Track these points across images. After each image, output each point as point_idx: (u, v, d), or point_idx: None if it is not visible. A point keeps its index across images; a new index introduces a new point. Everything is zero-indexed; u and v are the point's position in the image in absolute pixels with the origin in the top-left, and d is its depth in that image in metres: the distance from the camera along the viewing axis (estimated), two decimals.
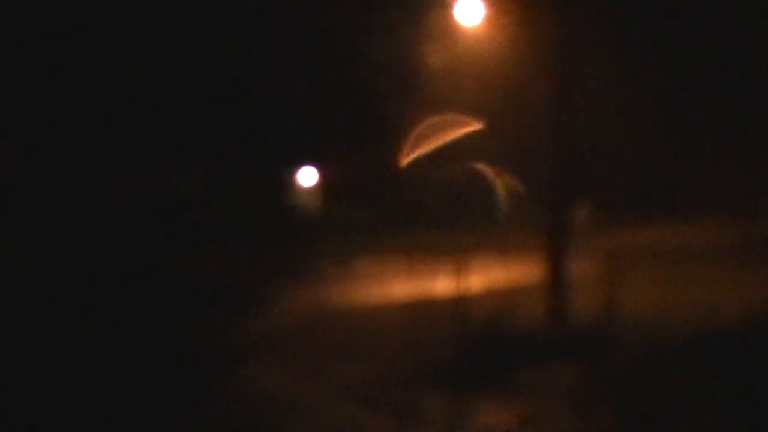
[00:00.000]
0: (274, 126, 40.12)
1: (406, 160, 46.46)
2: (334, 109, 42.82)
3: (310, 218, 47.15)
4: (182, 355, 12.60)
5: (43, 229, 15.62)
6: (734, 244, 32.64)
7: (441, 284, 13.86)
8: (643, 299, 13.44)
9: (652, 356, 11.98)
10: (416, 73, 45.04)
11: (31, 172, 17.24)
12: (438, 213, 45.52)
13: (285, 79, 40.66)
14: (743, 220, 39.19)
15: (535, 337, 12.70)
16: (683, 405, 9.97)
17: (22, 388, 10.01)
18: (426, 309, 13.80)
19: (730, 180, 46.79)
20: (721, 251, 29.69)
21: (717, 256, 25.94)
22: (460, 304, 11.27)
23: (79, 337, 12.06)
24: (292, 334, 14.73)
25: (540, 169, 14.93)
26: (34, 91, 18.37)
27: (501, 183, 51.30)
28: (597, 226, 43.11)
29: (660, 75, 50.90)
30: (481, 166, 48.14)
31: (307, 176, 49.37)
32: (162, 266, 17.26)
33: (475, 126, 45.80)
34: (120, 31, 23.27)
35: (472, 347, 11.87)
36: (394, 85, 44.14)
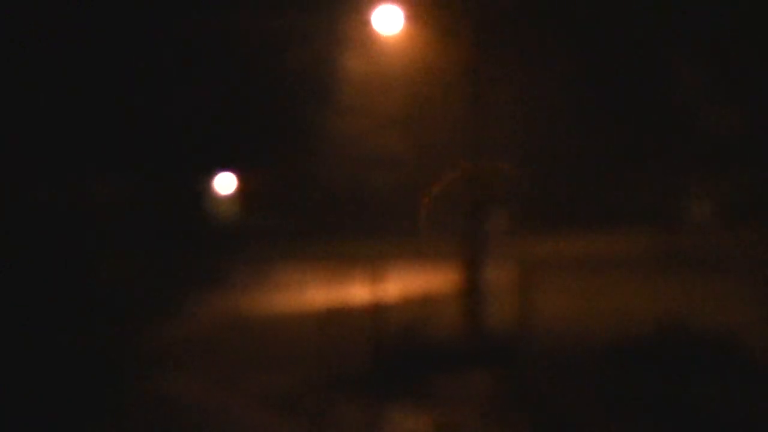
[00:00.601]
0: (191, 133, 39.74)
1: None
2: (252, 116, 42.59)
3: (227, 225, 46.77)
4: (96, 363, 12.39)
5: None
6: (647, 254, 33.29)
7: (358, 292, 13.86)
8: (557, 308, 13.60)
9: (566, 364, 12.12)
10: (335, 80, 45.06)
11: None
12: (357, 221, 45.56)
13: (204, 85, 40.30)
14: (656, 231, 39.99)
15: (451, 345, 12.75)
16: (595, 412, 10.09)
17: None
18: (342, 317, 13.78)
19: (643, 190, 47.73)
20: (633, 261, 30.24)
21: (630, 266, 26.41)
22: (376, 312, 11.27)
23: None
24: (209, 342, 14.60)
25: (457, 177, 14.98)
26: None
27: (421, 190, 51.56)
28: (512, 235, 43.57)
29: (577, 86, 51.72)
30: (402, 174, 48.36)
31: (225, 183, 49.00)
32: (76, 274, 16.96)
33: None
34: (33, 36, 22.86)
35: (387, 355, 11.87)
36: (312, 92, 44.08)
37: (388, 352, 11.97)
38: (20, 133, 21.37)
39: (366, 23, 39.79)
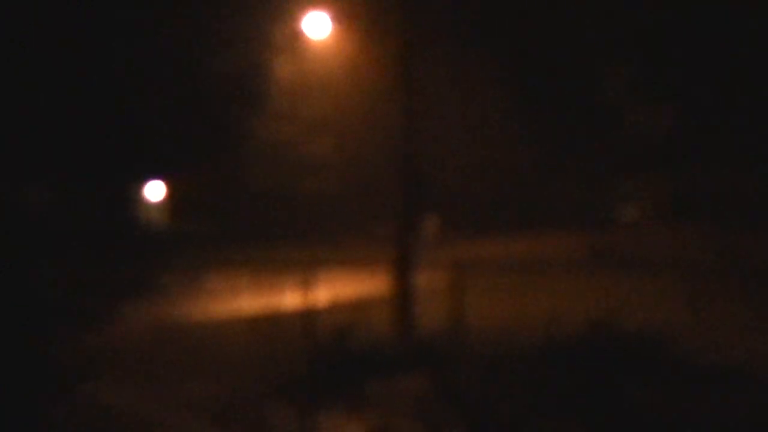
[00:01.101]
0: (120, 140, 39.36)
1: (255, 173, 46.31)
2: (182, 123, 42.37)
3: (156, 232, 46.37)
4: (23, 373, 12.21)
5: None
6: (577, 255, 33.78)
7: (289, 298, 13.85)
8: (488, 309, 13.74)
9: (497, 365, 12.25)
10: (264, 85, 45.00)
11: None
12: (287, 227, 45.46)
13: (132, 93, 39.96)
14: (586, 232, 40.55)
15: (383, 349, 12.80)
16: (526, 413, 10.22)
17: None
18: (274, 323, 13.77)
19: (573, 193, 48.40)
20: (564, 262, 30.67)
21: (561, 267, 26.78)
22: (308, 317, 11.28)
23: None
24: (140, 350, 14.47)
25: (389, 183, 15.06)
26: None
27: (352, 196, 51.62)
28: (444, 239, 43.87)
29: (507, 90, 52.26)
30: (332, 179, 48.39)
31: (154, 190, 48.55)
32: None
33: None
34: None
35: (320, 360, 11.88)
36: (242, 98, 43.98)
37: (320, 357, 11.98)
38: None
39: (296, 29, 39.82)
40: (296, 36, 42.95)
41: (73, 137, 37.42)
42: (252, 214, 46.87)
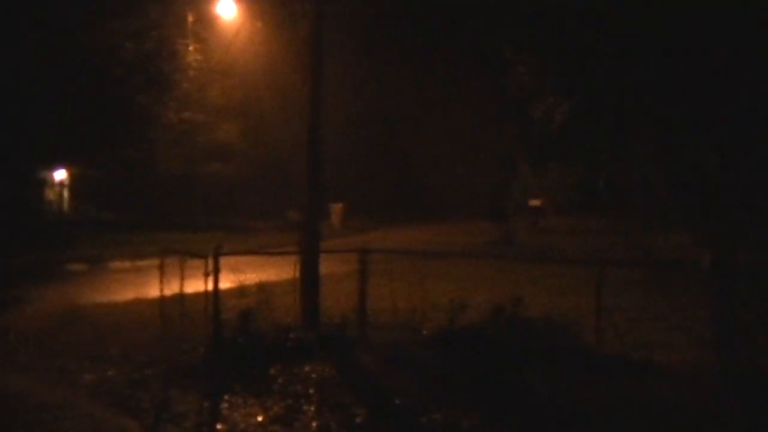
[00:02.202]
0: (25, 124, 38.57)
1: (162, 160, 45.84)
2: (88, 108, 41.67)
3: (61, 218, 45.61)
4: None
5: None
6: (485, 244, 34.27)
7: (195, 284, 13.79)
8: (393, 296, 13.86)
9: (401, 352, 12.42)
10: (171, 69, 44.51)
11: None
12: (195, 212, 45.14)
13: (38, 76, 39.17)
14: (494, 223, 41.08)
15: (287, 335, 12.86)
16: (429, 397, 10.39)
17: None
18: (179, 307, 13.69)
19: (479, 185, 48.99)
20: (471, 250, 31.08)
21: (466, 255, 27.13)
22: (213, 303, 11.28)
23: None
24: (41, 334, 14.28)
25: (298, 169, 15.09)
26: None
27: (258, 182, 51.43)
28: (351, 226, 43.99)
29: (415, 79, 52.59)
30: (238, 165, 48.14)
31: (60, 176, 47.71)
32: None
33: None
34: None
35: (224, 345, 11.90)
36: (149, 83, 43.44)
37: (224, 341, 12.00)
38: None
39: (204, 12, 39.45)
40: (205, 20, 42.65)
41: None
42: (159, 199, 46.42)
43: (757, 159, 11.07)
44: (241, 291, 17.37)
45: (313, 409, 9.95)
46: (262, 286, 16.78)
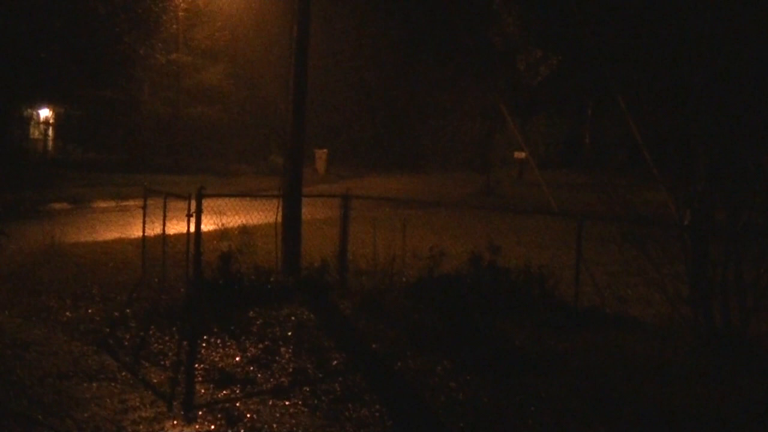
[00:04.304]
0: (9, 62, 38.17)
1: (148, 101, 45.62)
2: (74, 48, 41.26)
3: (44, 157, 45.36)
4: None
5: None
6: (467, 195, 34.39)
7: (177, 226, 13.84)
8: (374, 244, 13.96)
9: (379, 298, 12.53)
10: (161, 11, 44.12)
11: None
12: (179, 154, 45.03)
13: (24, 14, 38.75)
14: (475, 173, 41.20)
15: (267, 278, 12.96)
16: (406, 343, 10.53)
17: None
18: (160, 250, 13.75)
19: (460, 137, 48.98)
20: (455, 201, 31.20)
21: (451, 205, 27.23)
22: (195, 245, 11.33)
23: None
24: (21, 271, 14.32)
25: (282, 114, 15.09)
26: None
27: (245, 126, 51.23)
28: (333, 173, 43.99)
29: (404, 36, 52.37)
30: (224, 108, 47.95)
31: (43, 113, 47.36)
32: None
33: None
34: None
35: (205, 288, 11.97)
36: (135, 24, 43.06)
37: (205, 284, 12.08)
38: None
39: None
40: None
41: None
42: (143, 140, 46.24)
43: (738, 119, 11.14)
44: (223, 233, 17.44)
45: (290, 351, 10.07)
46: (244, 229, 16.84)
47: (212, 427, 7.67)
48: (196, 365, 9.39)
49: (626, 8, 12.14)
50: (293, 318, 11.57)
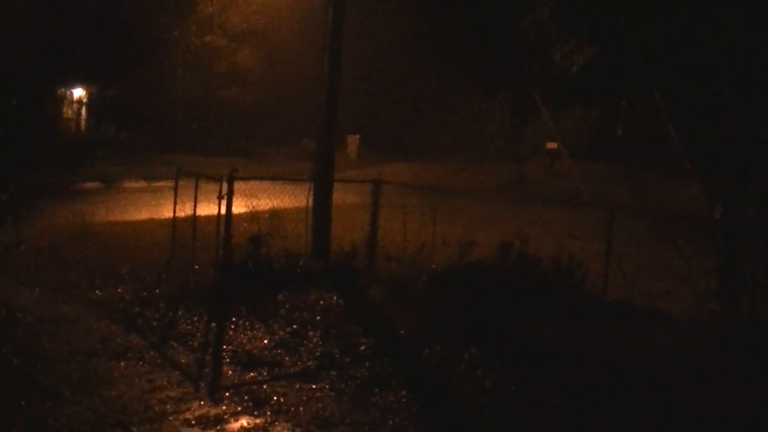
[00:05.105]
0: (44, 41, 38.41)
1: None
2: (108, 29, 41.43)
3: (77, 136, 45.59)
4: None
5: None
6: (495, 185, 34.30)
7: (207, 207, 13.89)
8: (404, 231, 13.97)
9: (407, 285, 12.55)
10: None
11: None
12: (212, 136, 45.17)
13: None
14: (506, 164, 41.07)
15: (297, 262, 12.98)
16: (433, 330, 10.54)
17: None
18: (190, 231, 13.80)
19: (492, 126, 48.81)
20: (483, 189, 31.13)
21: (480, 194, 27.19)
22: (225, 227, 11.36)
23: None
24: (54, 251, 14.42)
25: (315, 99, 15.09)
26: None
27: (275, 109, 51.32)
28: (365, 159, 43.97)
29: (436, 23, 52.20)
30: (255, 91, 48.04)
31: (77, 93, 47.61)
32: None
33: None
34: None
35: (233, 270, 12.01)
36: (172, 5, 43.17)
37: (234, 267, 12.11)
38: None
39: None
40: None
41: None
42: (176, 122, 46.42)
43: None
44: (253, 216, 17.43)
45: (318, 335, 10.11)
46: (274, 213, 16.86)
47: (238, 408, 7.72)
48: (224, 347, 9.42)
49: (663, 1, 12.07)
50: (321, 302, 11.60)
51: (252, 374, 8.67)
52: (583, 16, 13.71)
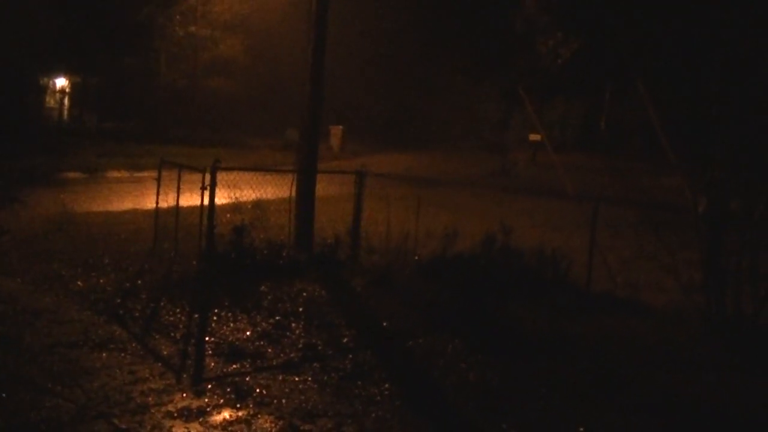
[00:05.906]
0: (27, 29, 38.18)
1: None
2: (90, 15, 41.27)
3: (60, 125, 45.40)
4: None
5: None
6: (479, 176, 34.28)
7: (191, 198, 13.82)
8: (388, 222, 13.93)
9: (390, 276, 12.52)
10: None
11: None
12: (196, 125, 45.03)
13: None
14: (491, 156, 41.06)
15: (279, 253, 12.94)
16: (417, 324, 10.51)
17: None
18: (173, 221, 13.73)
19: (476, 118, 48.82)
20: (468, 181, 31.13)
21: (464, 185, 27.19)
22: (208, 217, 11.31)
23: None
24: (33, 239, 14.32)
25: (299, 89, 15.02)
26: None
27: (261, 99, 51.19)
28: (348, 150, 43.89)
29: (422, 16, 52.14)
30: (241, 81, 47.92)
31: (60, 82, 47.39)
32: None
33: None
34: None
35: (216, 260, 11.97)
36: None
37: (217, 257, 12.07)
38: None
39: None
40: None
41: None
42: (159, 112, 46.24)
43: (755, 110, 11.05)
44: (236, 207, 17.40)
45: (301, 327, 10.06)
46: (257, 204, 16.80)
47: (221, 400, 7.66)
48: (207, 338, 9.38)
49: None
50: (305, 294, 11.55)
51: (235, 366, 8.61)
52: (569, 9, 13.68)
